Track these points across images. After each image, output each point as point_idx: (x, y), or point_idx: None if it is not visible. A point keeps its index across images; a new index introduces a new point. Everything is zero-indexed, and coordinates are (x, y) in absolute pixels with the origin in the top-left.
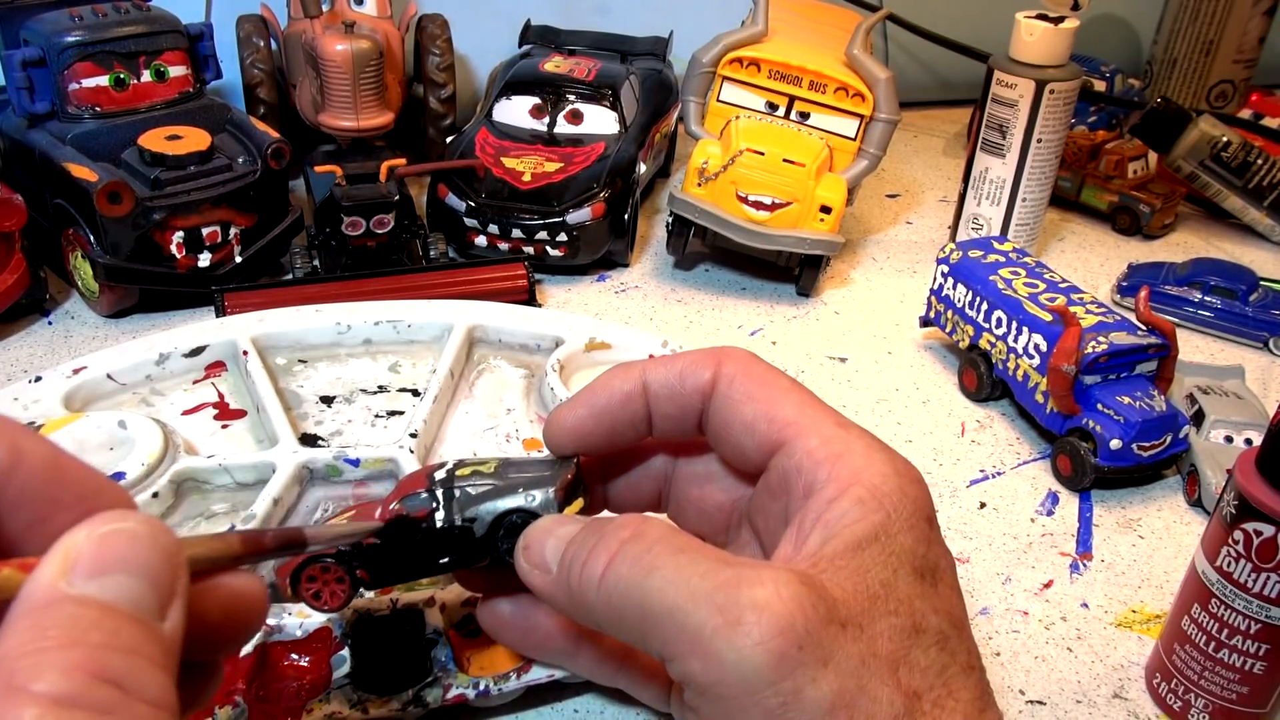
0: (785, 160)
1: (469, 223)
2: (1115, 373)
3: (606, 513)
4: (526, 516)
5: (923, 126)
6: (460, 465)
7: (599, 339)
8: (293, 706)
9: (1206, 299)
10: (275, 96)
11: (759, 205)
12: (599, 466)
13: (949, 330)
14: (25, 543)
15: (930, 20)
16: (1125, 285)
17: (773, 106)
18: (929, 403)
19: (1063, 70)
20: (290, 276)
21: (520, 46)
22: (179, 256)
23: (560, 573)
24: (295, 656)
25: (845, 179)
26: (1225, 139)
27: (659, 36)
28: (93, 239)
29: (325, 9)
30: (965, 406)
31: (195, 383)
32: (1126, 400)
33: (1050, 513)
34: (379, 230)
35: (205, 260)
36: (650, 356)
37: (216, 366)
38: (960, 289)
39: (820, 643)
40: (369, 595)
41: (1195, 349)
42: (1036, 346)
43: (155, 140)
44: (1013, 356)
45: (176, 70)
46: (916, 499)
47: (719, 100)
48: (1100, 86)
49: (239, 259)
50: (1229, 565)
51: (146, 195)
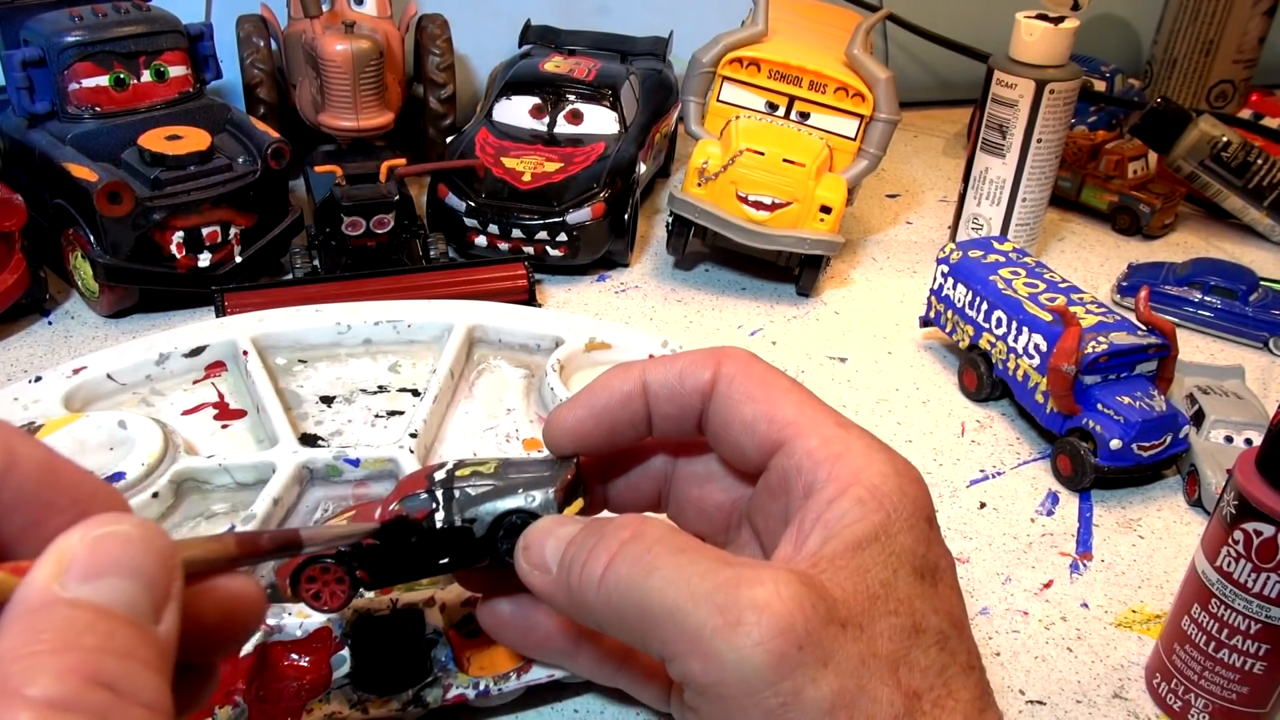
0: (785, 160)
1: (469, 223)
2: (1115, 373)
3: (606, 513)
4: (526, 517)
5: (923, 126)
6: (460, 465)
7: (599, 339)
8: (293, 706)
9: (1206, 299)
10: (275, 96)
11: (759, 205)
12: (599, 466)
13: (949, 330)
14: (19, 546)
15: (930, 20)
16: (1125, 285)
17: (773, 106)
18: (929, 403)
19: (1063, 70)
20: (290, 276)
21: (520, 46)
22: (179, 256)
23: (560, 573)
24: (295, 656)
25: (845, 179)
26: (1225, 139)
27: (659, 36)
28: (93, 239)
29: (325, 9)
30: (965, 406)
31: (195, 383)
32: (1126, 400)
33: (1050, 513)
34: (379, 230)
35: (205, 260)
36: (650, 356)
37: (216, 366)
38: (960, 289)
39: (820, 643)
40: (369, 595)
41: (1195, 349)
42: (1036, 346)
43: (155, 140)
44: (1013, 356)
45: (176, 70)
46: (916, 499)
47: (719, 100)
48: (1100, 86)
49: (239, 259)
50: (1229, 565)
51: (146, 195)
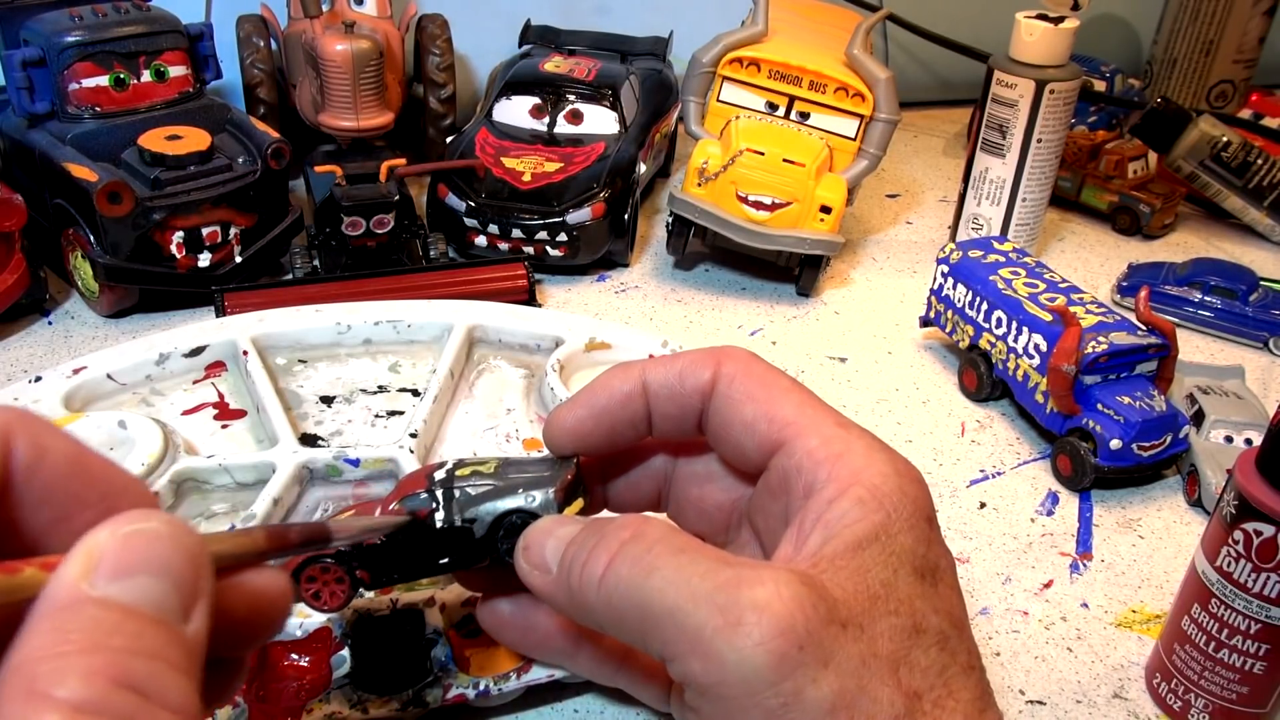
0: (785, 160)
1: (469, 223)
2: (1115, 373)
3: (606, 513)
4: (526, 517)
5: (923, 126)
6: (460, 465)
7: (599, 339)
8: (293, 706)
9: (1206, 299)
10: (275, 96)
11: (759, 205)
12: (599, 466)
13: (949, 330)
14: (48, 540)
15: (930, 20)
16: (1125, 285)
17: (773, 106)
18: (929, 403)
19: (1063, 70)
20: (290, 276)
21: (520, 46)
22: (179, 256)
23: (560, 573)
24: (295, 656)
25: (845, 179)
26: (1225, 139)
27: (659, 36)
28: (93, 239)
29: (325, 9)
30: (965, 406)
31: (195, 383)
32: (1126, 400)
33: (1050, 513)
34: (379, 230)
35: (205, 260)
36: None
37: (216, 366)
38: (960, 289)
39: (821, 643)
40: (369, 595)
41: (1195, 349)
42: (1036, 346)
43: (155, 140)
44: (1013, 356)
45: (176, 70)
46: (916, 499)
47: (719, 100)
48: (1100, 86)
49: (239, 259)
50: (1229, 565)
51: (146, 195)
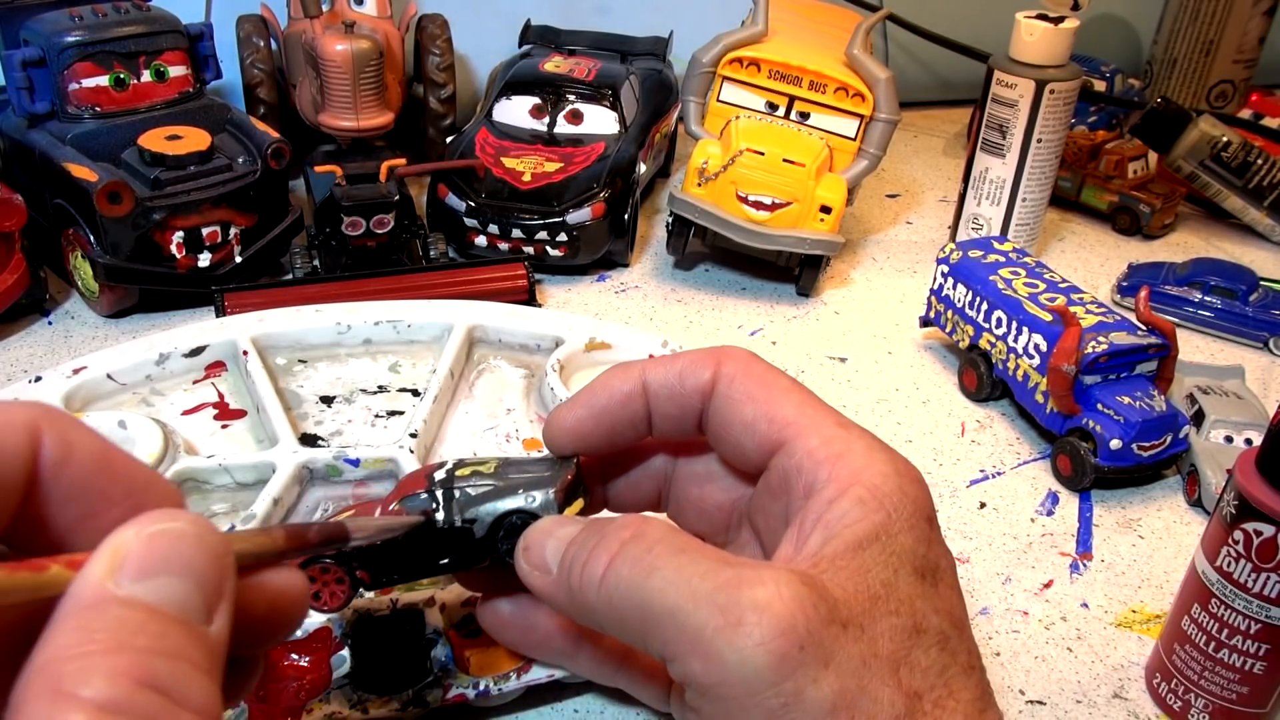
0: (785, 160)
1: (469, 223)
2: (1115, 373)
3: (606, 513)
4: (526, 517)
5: (923, 126)
6: (460, 465)
7: (599, 339)
8: (293, 706)
9: (1206, 299)
10: (275, 96)
11: (759, 205)
12: (599, 466)
13: (949, 330)
14: (74, 536)
15: (930, 20)
16: (1125, 285)
17: (773, 106)
18: (929, 403)
19: (1063, 70)
20: (290, 276)
21: (520, 46)
22: (179, 256)
23: (561, 574)
24: (295, 656)
25: (845, 179)
26: (1225, 139)
27: (659, 36)
28: (93, 239)
29: (325, 9)
30: (965, 406)
31: (195, 383)
32: (1126, 400)
33: (1050, 513)
34: (379, 230)
35: (205, 260)
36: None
37: (216, 366)
38: (960, 289)
39: (821, 643)
40: (369, 595)
41: (1195, 349)
42: (1036, 346)
43: (155, 140)
44: (1013, 356)
45: (176, 70)
46: (917, 499)
47: (719, 100)
48: (1100, 86)
49: (239, 259)
50: (1229, 565)
51: (146, 195)
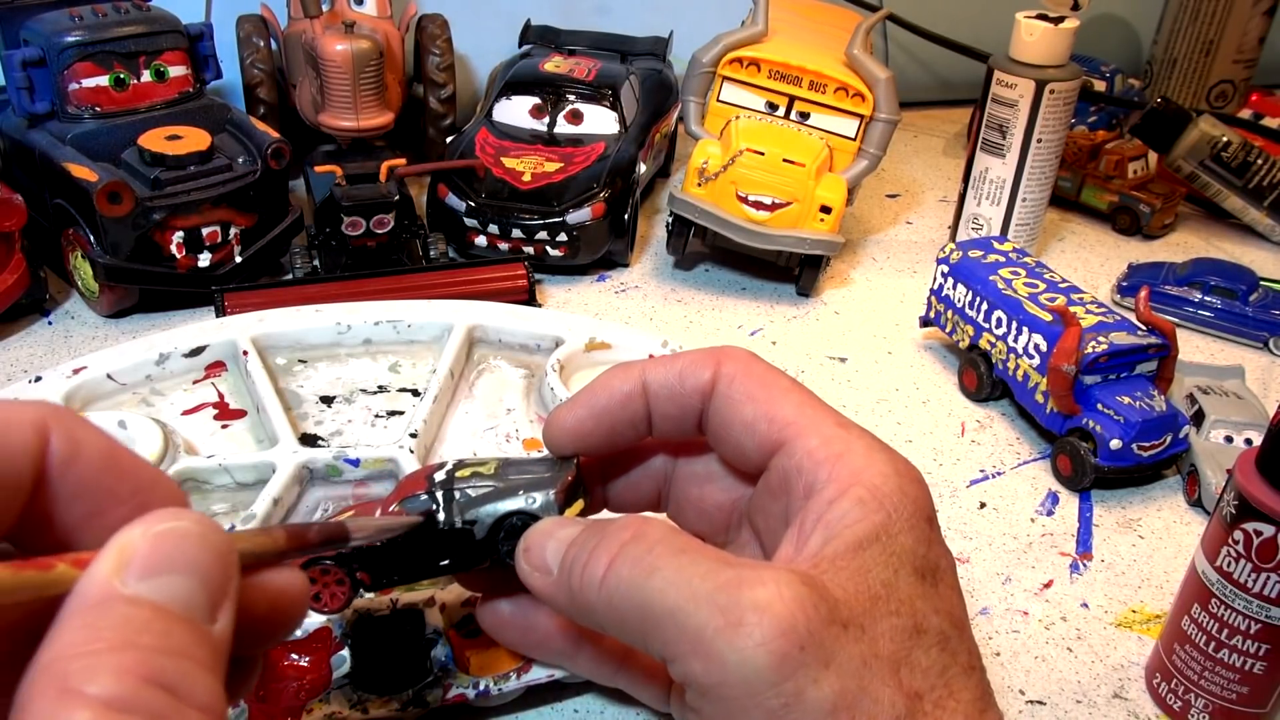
0: (785, 160)
1: (469, 223)
2: (1115, 373)
3: (606, 513)
4: (527, 518)
5: (923, 126)
6: (460, 466)
7: (599, 339)
8: (293, 706)
9: (1206, 299)
10: (275, 96)
11: (759, 205)
12: (599, 467)
13: (949, 330)
14: (81, 534)
15: (930, 20)
16: (1125, 285)
17: (773, 106)
18: (929, 403)
19: (1063, 70)
20: (290, 276)
21: (520, 46)
22: (179, 256)
23: (561, 575)
24: (295, 656)
25: (845, 179)
26: (1225, 139)
27: (659, 36)
28: (93, 239)
29: (325, 9)
30: (965, 406)
31: (195, 383)
32: (1126, 400)
33: (1050, 513)
34: (379, 230)
35: (205, 260)
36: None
37: (216, 366)
38: (960, 289)
39: (822, 643)
40: (369, 596)
41: (1195, 349)
42: (1036, 346)
43: (155, 140)
44: (1013, 356)
45: (176, 70)
46: (917, 499)
47: (719, 100)
48: (1100, 86)
49: (239, 259)
50: (1229, 565)
51: (146, 195)
